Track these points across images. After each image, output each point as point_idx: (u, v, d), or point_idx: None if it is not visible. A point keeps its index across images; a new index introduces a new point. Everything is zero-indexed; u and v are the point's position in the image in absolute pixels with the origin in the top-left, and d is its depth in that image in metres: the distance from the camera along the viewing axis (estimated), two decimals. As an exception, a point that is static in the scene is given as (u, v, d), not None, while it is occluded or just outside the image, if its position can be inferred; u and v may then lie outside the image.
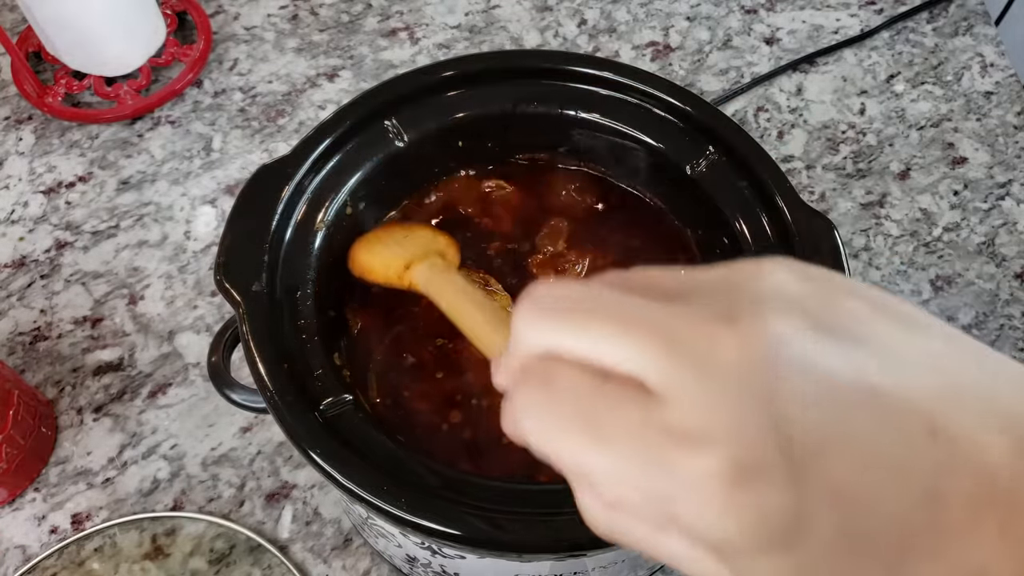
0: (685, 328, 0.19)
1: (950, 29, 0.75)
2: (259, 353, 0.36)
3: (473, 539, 0.33)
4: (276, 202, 0.41)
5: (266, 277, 0.39)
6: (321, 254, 0.42)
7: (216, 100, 0.69)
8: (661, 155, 0.45)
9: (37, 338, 0.58)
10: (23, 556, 0.50)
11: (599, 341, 0.19)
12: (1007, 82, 0.72)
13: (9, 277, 0.60)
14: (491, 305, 0.35)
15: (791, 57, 0.73)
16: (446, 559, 0.39)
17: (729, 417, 0.18)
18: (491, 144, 0.47)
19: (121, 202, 0.64)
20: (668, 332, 0.19)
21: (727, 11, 0.77)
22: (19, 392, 0.51)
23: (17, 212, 0.63)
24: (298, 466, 0.53)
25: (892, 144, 0.69)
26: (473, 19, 0.75)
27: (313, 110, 0.69)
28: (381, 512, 0.34)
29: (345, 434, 0.36)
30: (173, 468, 0.53)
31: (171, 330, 0.58)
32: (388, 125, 0.44)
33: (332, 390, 0.37)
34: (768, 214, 0.42)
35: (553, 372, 0.20)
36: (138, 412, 0.55)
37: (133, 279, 0.60)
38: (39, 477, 0.53)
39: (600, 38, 0.74)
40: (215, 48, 0.72)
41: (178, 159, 0.66)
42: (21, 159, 0.66)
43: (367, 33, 0.74)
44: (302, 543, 0.51)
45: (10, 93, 0.69)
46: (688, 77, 0.72)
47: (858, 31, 0.75)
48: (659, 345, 0.19)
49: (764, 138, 0.69)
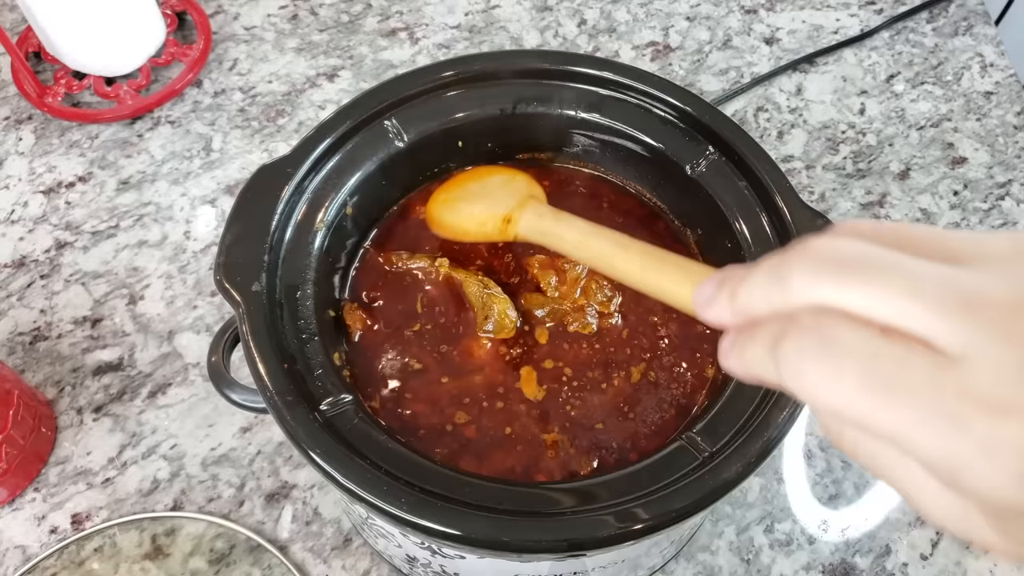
0: (985, 294, 0.19)
1: (950, 29, 0.75)
2: (259, 353, 0.36)
3: (473, 539, 0.33)
4: (276, 202, 0.41)
5: (266, 277, 0.39)
6: (321, 254, 0.42)
7: (216, 100, 0.69)
8: (661, 155, 0.45)
9: (37, 338, 0.58)
10: (23, 556, 0.50)
11: (886, 301, 0.19)
12: (1007, 82, 0.72)
13: (9, 277, 0.60)
14: (620, 235, 0.35)
15: (791, 57, 0.73)
16: (446, 559, 0.39)
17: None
18: (491, 144, 0.47)
19: (121, 202, 0.64)
20: (965, 296, 0.19)
21: (727, 11, 0.77)
22: (19, 392, 0.51)
23: (17, 212, 0.63)
24: (298, 466, 0.53)
25: (892, 144, 0.69)
26: (473, 19, 0.75)
27: (313, 110, 0.69)
28: (381, 512, 0.34)
29: (345, 434, 0.36)
30: (173, 468, 0.53)
31: (171, 330, 0.58)
32: (388, 125, 0.44)
33: (332, 390, 0.37)
34: (768, 214, 0.42)
35: (833, 327, 0.20)
36: (138, 412, 0.55)
37: (133, 279, 0.60)
38: (39, 477, 0.53)
39: (600, 38, 0.74)
40: (215, 48, 0.72)
41: (178, 159, 0.66)
42: (21, 159, 0.66)
43: (367, 33, 0.74)
44: (302, 543, 0.51)
45: (10, 93, 0.69)
46: (688, 77, 0.72)
47: (858, 31, 0.75)
48: (957, 308, 0.19)
49: (764, 138, 0.69)
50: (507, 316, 0.42)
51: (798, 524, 0.53)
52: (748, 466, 0.35)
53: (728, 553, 0.51)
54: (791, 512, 0.53)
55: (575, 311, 0.43)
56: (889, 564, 0.51)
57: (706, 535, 0.52)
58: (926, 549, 0.52)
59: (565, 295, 0.44)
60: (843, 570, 0.51)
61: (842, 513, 0.53)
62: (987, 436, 0.18)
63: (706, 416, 0.37)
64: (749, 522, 0.52)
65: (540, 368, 0.42)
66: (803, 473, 0.54)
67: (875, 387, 0.19)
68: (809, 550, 0.52)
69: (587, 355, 0.42)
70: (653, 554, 0.46)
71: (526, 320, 0.43)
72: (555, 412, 0.41)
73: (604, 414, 0.41)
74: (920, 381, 0.19)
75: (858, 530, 0.53)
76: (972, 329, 0.19)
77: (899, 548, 0.52)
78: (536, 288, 0.44)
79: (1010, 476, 0.18)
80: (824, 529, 0.52)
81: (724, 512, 0.53)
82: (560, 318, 0.43)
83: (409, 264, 0.44)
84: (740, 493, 0.53)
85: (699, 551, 0.51)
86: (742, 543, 0.52)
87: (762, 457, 0.35)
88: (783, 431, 0.36)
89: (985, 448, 0.18)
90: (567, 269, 0.44)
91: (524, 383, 0.41)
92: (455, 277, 0.44)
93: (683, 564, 0.51)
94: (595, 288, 0.43)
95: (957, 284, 0.19)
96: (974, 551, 0.52)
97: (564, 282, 0.44)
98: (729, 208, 0.43)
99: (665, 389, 0.41)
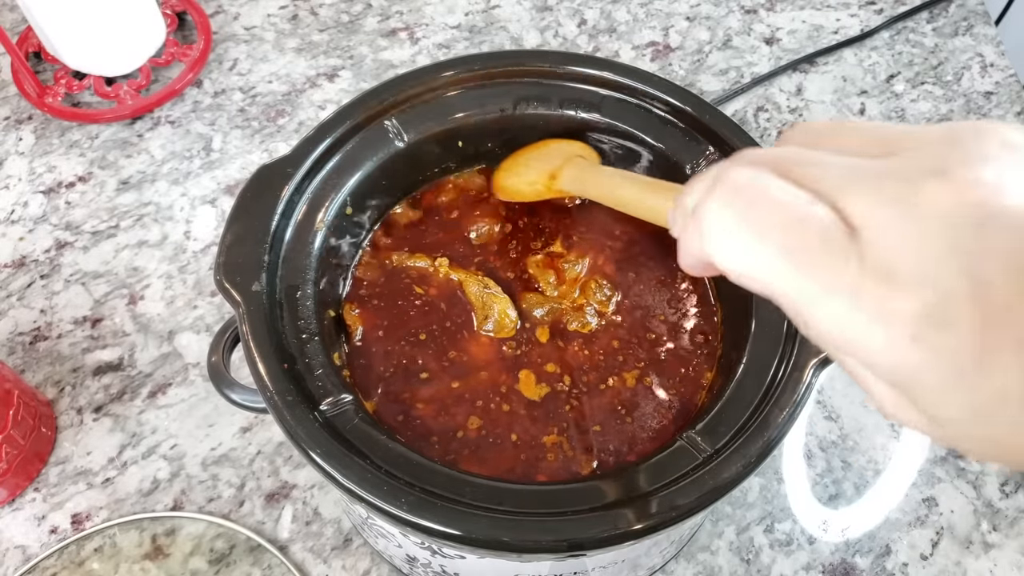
0: (896, 173, 0.19)
1: (950, 29, 0.75)
2: (259, 353, 0.36)
3: (473, 539, 0.33)
4: (276, 202, 0.41)
5: (266, 277, 0.39)
6: (321, 254, 0.42)
7: (216, 100, 0.69)
8: (661, 155, 0.45)
9: (37, 338, 0.58)
10: (23, 556, 0.50)
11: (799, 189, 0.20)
12: (1007, 82, 0.72)
13: (9, 277, 0.60)
14: (648, 179, 0.38)
15: (791, 57, 0.73)
16: (446, 559, 0.39)
17: (925, 262, 0.18)
18: (491, 144, 0.47)
19: (121, 202, 0.64)
20: (878, 175, 0.19)
21: (727, 11, 0.77)
22: (19, 392, 0.51)
23: (17, 212, 0.63)
24: (298, 466, 0.53)
25: (892, 144, 0.69)
26: (473, 19, 0.75)
27: (313, 110, 0.69)
28: (381, 512, 0.34)
29: (345, 434, 0.36)
30: (173, 468, 0.53)
31: (171, 330, 0.58)
32: (388, 125, 0.44)
33: (332, 390, 0.37)
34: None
35: (757, 188, 0.21)
36: (138, 412, 0.55)
37: (133, 279, 0.60)
38: (39, 477, 0.53)
39: (600, 38, 0.74)
40: (215, 48, 0.72)
41: (178, 159, 0.66)
42: (21, 159, 0.66)
43: (367, 33, 0.74)
44: (302, 543, 0.51)
45: (10, 93, 0.69)
46: (688, 77, 0.72)
47: (858, 31, 0.75)
48: (867, 185, 0.19)
49: (764, 138, 0.69)
50: (507, 315, 0.42)
51: (798, 524, 0.53)
52: (748, 466, 0.35)
53: (728, 553, 0.51)
54: (791, 512, 0.53)
55: (574, 310, 0.43)
56: (889, 564, 0.51)
57: (706, 535, 0.52)
58: (926, 549, 0.52)
59: (564, 294, 0.44)
60: (843, 570, 0.51)
61: (842, 513, 0.53)
62: (877, 307, 0.18)
63: (706, 416, 0.37)
64: (749, 522, 0.52)
65: (540, 369, 0.42)
66: (803, 473, 0.54)
67: (782, 246, 0.20)
68: (809, 550, 0.52)
69: (587, 355, 0.42)
70: (653, 554, 0.46)
71: (526, 320, 0.43)
72: (555, 412, 0.41)
73: (604, 415, 0.41)
74: (827, 246, 0.19)
75: (858, 530, 0.53)
76: (875, 203, 0.19)
77: (899, 548, 0.52)
78: (535, 288, 0.44)
79: (899, 347, 0.18)
80: (824, 529, 0.52)
81: (724, 512, 0.53)
82: (559, 317, 0.43)
83: (409, 264, 0.44)
84: (740, 493, 0.53)
85: (699, 551, 0.51)
86: (742, 543, 0.52)
87: (762, 457, 0.35)
88: (783, 431, 0.36)
89: (877, 320, 0.18)
90: (566, 269, 0.44)
91: (524, 384, 0.41)
92: (455, 277, 0.44)
93: (683, 564, 0.51)
94: (594, 287, 0.43)
95: (869, 169, 0.20)
96: (974, 551, 0.52)
97: (563, 281, 0.44)
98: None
99: (665, 389, 0.41)
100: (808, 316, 0.20)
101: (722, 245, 0.21)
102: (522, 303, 0.43)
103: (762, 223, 0.20)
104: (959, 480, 0.54)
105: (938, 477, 0.54)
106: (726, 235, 0.21)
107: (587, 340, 0.43)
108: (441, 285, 0.44)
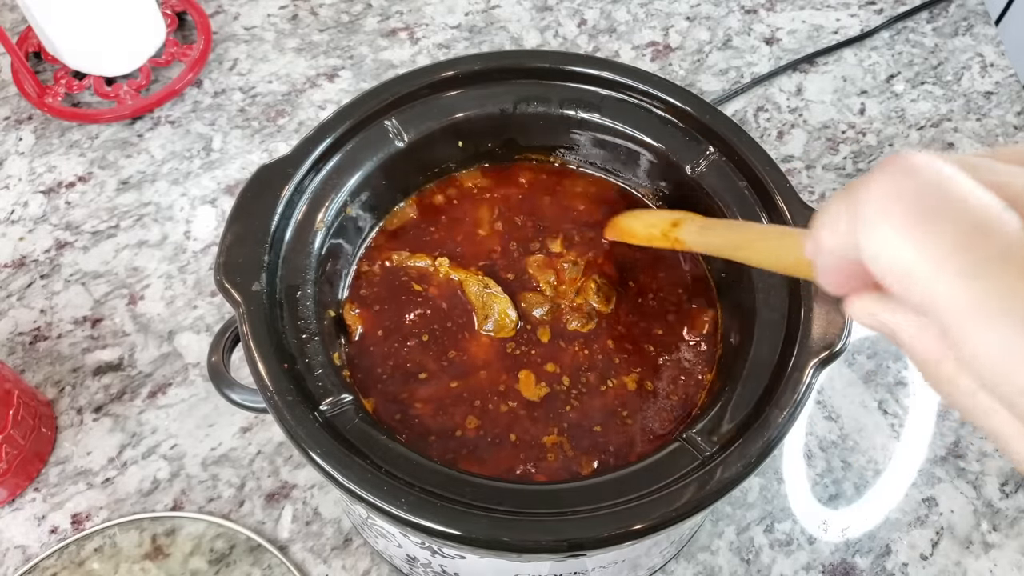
0: None
1: (950, 29, 0.75)
2: (259, 353, 0.36)
3: (473, 539, 0.33)
4: (276, 202, 0.41)
5: (266, 277, 0.39)
6: (321, 254, 0.42)
7: (216, 100, 0.69)
8: (661, 155, 0.45)
9: (37, 338, 0.58)
10: (23, 556, 0.50)
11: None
12: (1007, 82, 0.72)
13: (9, 277, 0.60)
14: (767, 226, 0.40)
15: (791, 57, 0.73)
16: (446, 559, 0.39)
17: None
18: (491, 144, 0.47)
19: (121, 202, 0.64)
20: None
21: (727, 11, 0.77)
22: (19, 392, 0.51)
23: (17, 212, 0.63)
24: (298, 466, 0.53)
25: (892, 144, 0.69)
26: (473, 19, 0.75)
27: (313, 110, 0.69)
28: (381, 512, 0.34)
29: (345, 434, 0.36)
30: (173, 468, 0.53)
31: (171, 330, 0.58)
32: (388, 125, 0.44)
33: (332, 390, 0.37)
34: (768, 214, 0.42)
35: (938, 177, 0.18)
36: (138, 412, 0.55)
37: (133, 279, 0.60)
38: (39, 477, 0.53)
39: (600, 38, 0.74)
40: (215, 48, 0.72)
41: (178, 159, 0.66)
42: (21, 159, 0.66)
43: (367, 33, 0.74)
44: (302, 543, 0.51)
45: (10, 93, 0.69)
46: (688, 77, 0.72)
47: (858, 31, 0.75)
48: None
49: (764, 138, 0.69)
50: (507, 315, 0.42)
51: (798, 524, 0.53)
52: (748, 466, 0.35)
53: (728, 553, 0.51)
54: (791, 512, 0.53)
55: (574, 310, 0.43)
56: (889, 564, 0.51)
57: (706, 535, 0.52)
58: (926, 549, 0.52)
59: (563, 294, 0.44)
60: (843, 570, 0.51)
61: (842, 513, 0.53)
62: None
63: (706, 416, 0.37)
64: (749, 522, 0.52)
65: (540, 369, 0.42)
66: (803, 473, 0.54)
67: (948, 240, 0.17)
68: (809, 550, 0.52)
69: (587, 355, 0.42)
70: (653, 554, 0.46)
71: (526, 319, 0.43)
72: (555, 413, 0.41)
73: (604, 415, 0.41)
74: (1018, 266, 0.17)
75: (858, 530, 0.53)
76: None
77: (899, 548, 0.52)
78: (535, 287, 0.44)
79: None
80: (824, 529, 0.52)
81: (724, 512, 0.53)
82: (559, 317, 0.43)
83: (409, 263, 0.44)
84: (740, 493, 0.53)
85: (699, 551, 0.51)
86: (742, 543, 0.52)
87: (762, 457, 0.35)
88: (783, 431, 0.36)
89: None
90: (565, 269, 0.44)
91: (523, 384, 0.41)
92: (455, 276, 0.44)
93: (683, 564, 0.51)
94: (593, 287, 0.43)
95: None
96: (974, 551, 0.52)
97: (562, 281, 0.44)
98: (729, 208, 0.43)
99: (665, 389, 0.41)
100: (969, 334, 0.17)
101: (884, 234, 0.18)
102: (522, 303, 0.43)
103: (939, 217, 0.17)
104: (959, 480, 0.54)
105: (938, 477, 0.54)
106: (891, 219, 0.18)
107: (587, 340, 0.43)
108: (441, 285, 0.44)
